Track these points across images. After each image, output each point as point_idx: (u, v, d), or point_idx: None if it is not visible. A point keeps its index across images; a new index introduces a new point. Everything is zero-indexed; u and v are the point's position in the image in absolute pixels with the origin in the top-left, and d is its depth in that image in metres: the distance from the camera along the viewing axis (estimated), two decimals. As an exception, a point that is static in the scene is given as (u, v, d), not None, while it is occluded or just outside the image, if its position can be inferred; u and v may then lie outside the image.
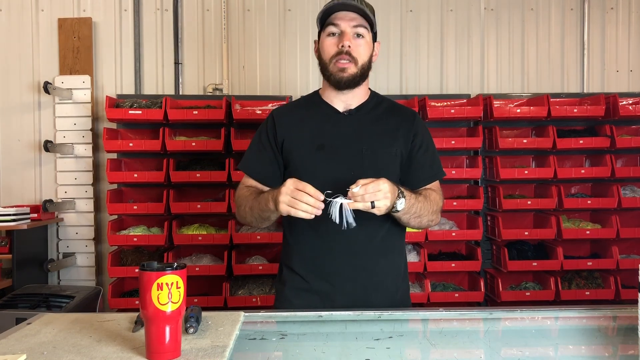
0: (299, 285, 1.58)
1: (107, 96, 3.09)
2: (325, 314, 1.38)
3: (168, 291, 1.02)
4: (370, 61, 1.58)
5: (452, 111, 3.13)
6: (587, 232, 3.14)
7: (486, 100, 3.21)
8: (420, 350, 1.20)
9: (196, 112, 3.05)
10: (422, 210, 1.49)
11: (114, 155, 3.26)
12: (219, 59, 3.53)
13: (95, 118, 3.45)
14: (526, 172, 3.15)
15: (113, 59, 3.50)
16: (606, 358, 1.17)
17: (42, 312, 1.74)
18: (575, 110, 3.12)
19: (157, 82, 3.52)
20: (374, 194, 1.32)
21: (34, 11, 3.48)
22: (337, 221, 1.33)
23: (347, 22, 1.52)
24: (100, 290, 3.22)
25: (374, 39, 1.60)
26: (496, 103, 3.19)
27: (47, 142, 3.17)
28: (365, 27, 1.54)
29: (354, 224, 1.34)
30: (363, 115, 1.60)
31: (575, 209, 3.29)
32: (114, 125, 3.29)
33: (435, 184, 1.63)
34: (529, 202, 3.18)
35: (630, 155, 3.39)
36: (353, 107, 1.60)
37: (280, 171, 1.60)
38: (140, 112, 3.06)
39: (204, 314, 1.29)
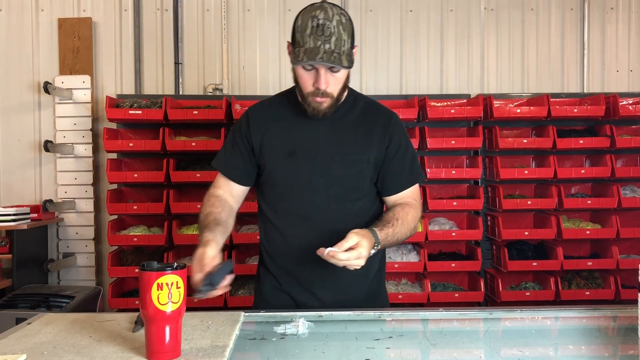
0: (273, 284, 1.58)
1: (107, 96, 3.09)
2: (325, 314, 1.39)
3: (168, 291, 1.02)
4: (346, 81, 1.48)
5: (452, 111, 3.13)
6: (587, 232, 3.14)
7: (486, 100, 3.21)
8: (420, 350, 1.20)
9: (196, 112, 3.05)
10: (397, 240, 1.46)
11: (114, 155, 3.26)
12: (219, 59, 3.53)
13: (95, 118, 3.45)
14: (526, 172, 3.15)
15: (113, 59, 3.50)
16: (606, 358, 1.17)
17: (42, 312, 1.74)
18: (575, 110, 3.12)
19: (157, 82, 3.52)
20: (353, 261, 1.27)
21: (34, 11, 3.48)
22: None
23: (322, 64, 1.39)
24: (100, 290, 3.22)
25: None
26: (496, 103, 3.19)
27: (47, 142, 3.17)
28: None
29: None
30: (337, 119, 1.52)
31: (575, 209, 3.29)
32: (114, 125, 3.29)
33: (414, 190, 1.58)
34: (529, 202, 3.18)
35: (630, 155, 3.39)
36: None
37: (255, 171, 1.58)
38: (140, 112, 3.06)
39: (204, 314, 1.29)
